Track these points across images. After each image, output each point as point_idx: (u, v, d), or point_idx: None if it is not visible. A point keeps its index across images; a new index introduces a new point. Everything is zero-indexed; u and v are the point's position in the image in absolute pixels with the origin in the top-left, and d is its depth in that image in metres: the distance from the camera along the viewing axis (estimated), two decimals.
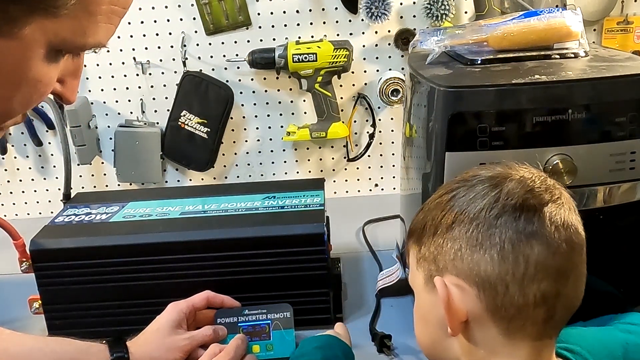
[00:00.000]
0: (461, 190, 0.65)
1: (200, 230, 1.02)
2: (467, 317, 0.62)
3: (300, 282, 0.99)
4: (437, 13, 1.37)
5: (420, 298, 0.68)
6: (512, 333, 0.61)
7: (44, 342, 0.88)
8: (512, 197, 0.61)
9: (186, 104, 1.44)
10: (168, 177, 1.54)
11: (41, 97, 0.54)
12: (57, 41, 0.51)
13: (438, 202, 0.66)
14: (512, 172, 0.64)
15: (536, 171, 0.66)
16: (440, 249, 0.63)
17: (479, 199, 0.62)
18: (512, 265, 0.60)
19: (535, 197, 0.62)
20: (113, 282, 1.00)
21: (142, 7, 1.42)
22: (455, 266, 0.62)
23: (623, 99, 0.83)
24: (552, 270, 0.60)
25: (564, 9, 0.96)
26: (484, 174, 0.65)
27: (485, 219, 0.61)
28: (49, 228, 1.05)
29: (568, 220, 0.62)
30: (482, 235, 0.61)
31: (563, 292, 0.61)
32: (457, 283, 0.62)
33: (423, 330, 0.70)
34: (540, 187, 0.63)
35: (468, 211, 0.62)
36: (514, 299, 0.60)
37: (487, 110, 0.82)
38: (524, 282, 0.60)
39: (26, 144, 1.52)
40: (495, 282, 0.60)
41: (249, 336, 0.94)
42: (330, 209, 1.11)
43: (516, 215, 0.60)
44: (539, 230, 0.60)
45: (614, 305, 0.87)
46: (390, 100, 1.42)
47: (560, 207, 0.62)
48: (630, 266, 0.89)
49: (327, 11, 1.42)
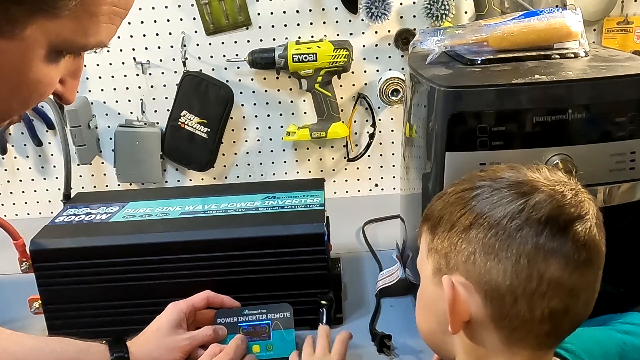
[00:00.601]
0: (485, 190, 0.62)
1: (200, 230, 1.02)
2: (470, 319, 0.61)
3: (300, 282, 0.99)
4: (437, 13, 1.37)
5: (425, 286, 0.67)
6: (513, 342, 0.61)
7: (44, 341, 0.88)
8: (538, 211, 0.59)
9: (186, 104, 1.44)
10: (168, 177, 1.54)
11: (42, 97, 0.54)
12: (58, 42, 0.51)
13: (460, 196, 0.64)
14: (541, 181, 0.61)
15: (568, 181, 0.62)
16: (453, 247, 0.62)
17: (503, 206, 0.60)
18: (525, 280, 0.58)
19: (563, 215, 0.59)
20: (113, 282, 1.00)
21: (142, 7, 1.42)
22: (466, 269, 0.61)
23: (623, 99, 0.83)
24: (565, 289, 0.59)
25: (564, 9, 0.96)
26: (513, 177, 0.62)
27: (506, 228, 0.59)
28: (49, 228, 1.05)
29: (591, 240, 0.60)
30: (499, 245, 0.59)
31: (573, 310, 0.60)
32: (466, 286, 0.61)
33: (424, 318, 0.70)
34: (570, 202, 0.60)
35: (489, 216, 0.60)
36: (521, 313, 0.59)
37: (487, 110, 0.82)
38: (534, 298, 0.58)
39: (26, 144, 1.52)
40: (504, 294, 0.59)
41: (248, 336, 0.94)
42: (330, 209, 1.11)
43: (539, 230, 0.58)
44: (559, 249, 0.58)
45: (614, 305, 0.87)
46: (390, 100, 1.42)
47: (585, 224, 0.60)
48: (630, 266, 0.89)
49: (327, 11, 1.42)
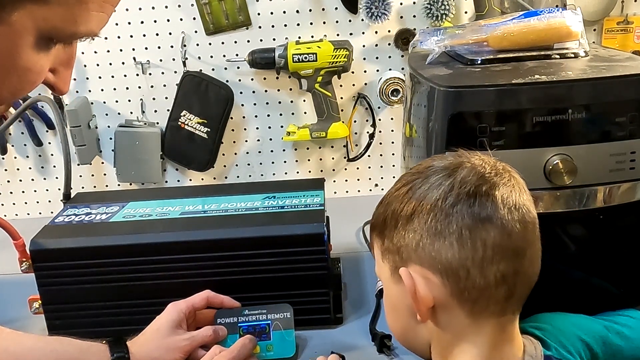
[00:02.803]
0: (417, 181, 0.68)
1: (200, 230, 1.02)
2: (434, 303, 0.65)
3: (300, 282, 0.99)
4: (437, 13, 1.37)
5: (388, 289, 0.72)
6: (477, 313, 0.65)
7: (44, 341, 0.88)
8: (465, 184, 0.64)
9: (186, 104, 1.44)
10: (168, 177, 1.54)
11: (32, 86, 0.54)
12: (47, 28, 0.50)
13: (396, 195, 0.69)
14: (463, 160, 0.68)
15: (486, 157, 0.68)
16: (402, 240, 0.66)
17: (435, 189, 0.65)
18: (471, 250, 0.63)
19: (486, 183, 0.65)
20: (113, 282, 1.00)
21: (142, 7, 1.42)
22: (418, 256, 0.65)
23: (623, 99, 0.83)
24: (509, 251, 0.63)
25: (564, 9, 0.96)
26: (438, 164, 0.68)
27: (442, 208, 0.64)
28: (49, 228, 1.05)
29: (519, 201, 0.65)
30: (441, 224, 0.64)
31: (521, 270, 0.65)
32: (421, 272, 0.65)
33: (394, 319, 0.73)
34: (491, 172, 0.66)
35: (425, 202, 0.65)
36: (476, 281, 0.63)
37: (487, 110, 0.82)
38: (484, 265, 0.63)
39: (26, 144, 1.52)
40: (457, 268, 0.63)
41: None
42: (330, 209, 1.11)
43: (470, 202, 0.64)
44: (493, 214, 0.63)
45: (614, 305, 0.87)
46: (390, 100, 1.42)
47: (511, 189, 0.65)
48: (630, 266, 0.89)
49: (327, 11, 1.42)
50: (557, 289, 0.82)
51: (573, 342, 0.74)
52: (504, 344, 0.67)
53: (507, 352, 0.68)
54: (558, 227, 0.87)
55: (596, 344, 0.75)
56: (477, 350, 0.66)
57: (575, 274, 0.88)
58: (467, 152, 0.70)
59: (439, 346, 0.69)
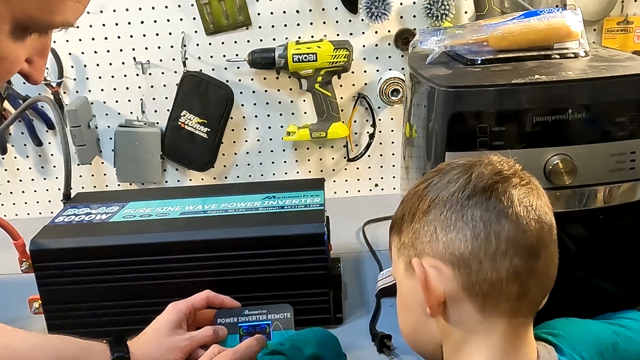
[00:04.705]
0: (435, 178, 0.68)
1: (200, 230, 1.02)
2: (445, 296, 0.64)
3: (300, 282, 0.99)
4: (437, 13, 1.37)
5: (401, 287, 0.71)
6: (489, 310, 0.64)
7: (45, 339, 0.88)
8: (482, 178, 0.65)
9: (186, 104, 1.44)
10: (168, 177, 1.54)
11: (7, 74, 0.54)
12: (23, 18, 0.50)
13: (415, 192, 0.69)
14: (482, 158, 0.68)
15: (506, 159, 0.68)
16: (417, 233, 0.66)
17: (452, 183, 0.66)
18: (484, 242, 0.62)
19: (504, 180, 0.65)
20: (113, 282, 1.00)
21: (142, 7, 1.42)
22: (431, 248, 0.65)
23: (623, 99, 0.83)
24: (523, 247, 0.63)
25: (564, 9, 0.96)
26: (457, 161, 0.69)
27: (458, 200, 0.64)
28: (49, 228, 1.05)
29: (536, 203, 0.65)
30: (455, 216, 0.64)
31: (535, 270, 0.64)
32: (434, 264, 0.65)
33: (405, 317, 0.72)
34: (509, 170, 0.66)
35: (442, 195, 0.66)
36: (488, 274, 0.62)
37: (487, 110, 0.82)
38: (496, 258, 0.62)
39: (26, 144, 1.52)
40: (469, 259, 0.63)
41: (248, 336, 0.94)
42: (330, 209, 1.11)
43: (487, 196, 0.64)
44: (508, 209, 0.63)
45: (614, 306, 0.87)
46: (390, 100, 1.42)
47: (529, 191, 0.65)
48: (630, 266, 0.89)
49: (327, 11, 1.42)
50: (556, 289, 0.82)
51: (586, 347, 0.73)
52: (517, 349, 0.66)
53: (521, 357, 0.66)
54: (558, 227, 0.87)
55: (607, 351, 0.74)
56: (489, 352, 0.65)
57: (575, 274, 0.88)
58: (489, 154, 0.70)
59: (450, 346, 0.67)
